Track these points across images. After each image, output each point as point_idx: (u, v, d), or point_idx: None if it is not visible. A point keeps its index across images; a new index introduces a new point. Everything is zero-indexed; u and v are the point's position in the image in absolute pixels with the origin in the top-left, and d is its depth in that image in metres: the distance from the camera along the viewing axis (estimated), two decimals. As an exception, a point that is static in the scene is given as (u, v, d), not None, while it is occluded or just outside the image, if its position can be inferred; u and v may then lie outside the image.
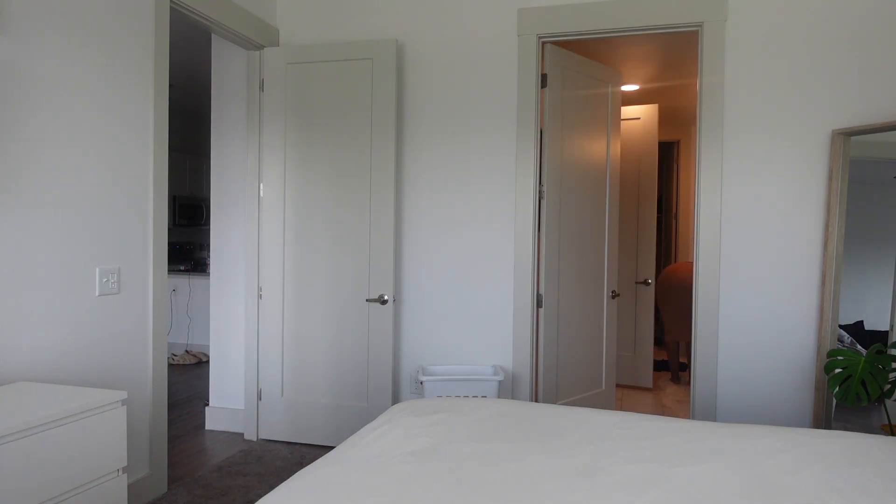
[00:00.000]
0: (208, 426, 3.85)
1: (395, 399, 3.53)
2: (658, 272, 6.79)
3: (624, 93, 5.23)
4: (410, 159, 3.50)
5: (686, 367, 5.55)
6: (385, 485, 1.45)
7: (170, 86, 5.51)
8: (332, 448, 3.48)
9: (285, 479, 2.42)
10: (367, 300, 3.37)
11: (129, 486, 2.68)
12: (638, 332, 5.08)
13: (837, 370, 2.66)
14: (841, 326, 2.93)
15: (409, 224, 3.52)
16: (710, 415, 3.09)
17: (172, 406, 4.34)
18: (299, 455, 3.36)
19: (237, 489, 2.90)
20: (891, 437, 1.81)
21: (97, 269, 2.52)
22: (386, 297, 3.33)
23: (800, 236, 2.98)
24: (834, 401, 2.91)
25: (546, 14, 3.27)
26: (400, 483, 1.46)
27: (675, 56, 4.32)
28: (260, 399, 3.60)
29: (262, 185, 3.57)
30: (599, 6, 3.19)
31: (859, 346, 2.89)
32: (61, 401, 1.87)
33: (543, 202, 3.43)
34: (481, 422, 1.92)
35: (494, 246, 3.39)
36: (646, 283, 5.02)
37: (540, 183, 3.41)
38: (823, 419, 2.90)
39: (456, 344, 3.46)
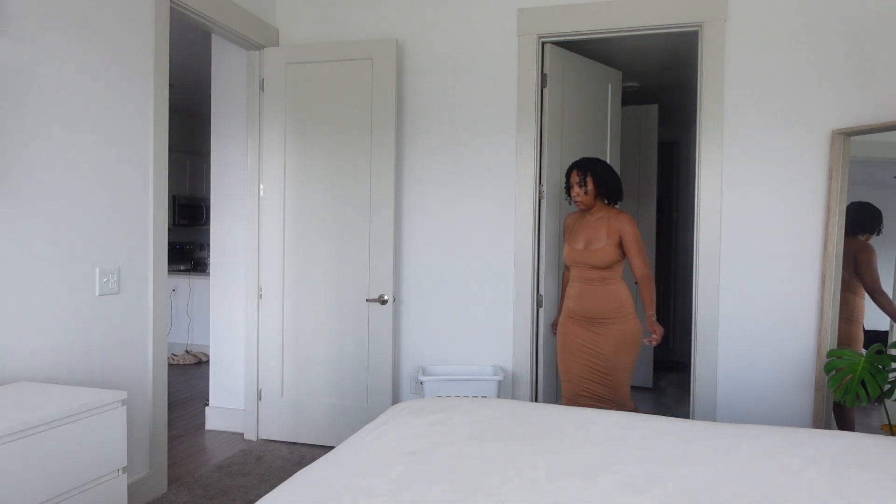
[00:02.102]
0: (208, 426, 3.85)
1: (395, 399, 3.53)
2: (658, 272, 6.78)
3: (624, 93, 5.22)
4: (410, 159, 3.50)
5: (687, 367, 5.55)
6: (385, 485, 1.45)
7: (170, 86, 5.51)
8: (332, 448, 3.48)
9: (285, 479, 2.42)
10: (367, 300, 3.37)
11: (129, 486, 2.68)
12: (638, 332, 5.07)
13: (837, 370, 2.66)
14: (841, 326, 2.92)
15: (408, 224, 3.51)
16: (710, 415, 3.09)
17: (172, 406, 4.34)
18: (299, 455, 3.36)
19: (237, 489, 2.90)
20: (891, 437, 1.81)
21: (97, 269, 2.52)
22: (386, 297, 3.33)
23: (800, 236, 2.98)
24: (834, 401, 2.91)
25: (546, 14, 3.27)
26: (400, 483, 1.46)
27: (675, 56, 4.32)
28: (260, 399, 3.60)
29: (262, 185, 3.57)
30: (599, 6, 3.19)
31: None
32: (61, 401, 1.87)
33: (543, 202, 3.43)
34: (481, 422, 1.92)
35: (494, 245, 3.39)
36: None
37: (540, 183, 3.41)
38: (823, 419, 2.90)
39: (456, 344, 3.46)
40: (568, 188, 3.02)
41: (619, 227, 2.91)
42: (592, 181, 2.94)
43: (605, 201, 3.02)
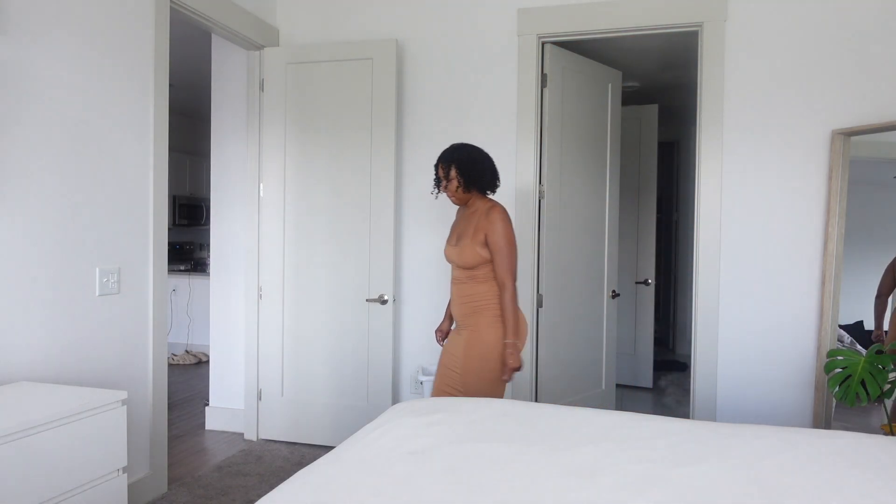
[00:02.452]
0: (208, 426, 3.85)
1: (395, 399, 3.53)
2: (658, 272, 6.78)
3: (624, 93, 5.23)
4: (410, 159, 3.50)
5: (685, 368, 5.56)
6: (385, 485, 1.45)
7: (170, 86, 5.51)
8: (332, 448, 3.48)
9: (285, 479, 2.42)
10: (367, 300, 3.37)
11: (129, 486, 2.68)
12: (638, 332, 5.08)
13: (837, 370, 2.66)
14: (841, 326, 2.93)
15: (408, 223, 3.51)
16: (710, 415, 3.09)
17: (172, 406, 4.34)
18: (299, 455, 3.36)
19: (237, 489, 2.90)
20: (891, 437, 1.81)
21: (97, 269, 2.52)
22: (386, 297, 3.33)
23: (800, 236, 2.98)
24: (834, 401, 2.91)
25: (546, 14, 3.27)
26: (400, 483, 1.46)
27: (675, 56, 4.32)
28: (260, 399, 3.60)
29: (262, 185, 3.57)
30: (599, 6, 3.19)
31: (859, 346, 2.89)
32: (61, 401, 1.87)
33: (543, 202, 3.43)
34: (481, 422, 1.92)
35: (494, 246, 3.38)
36: (646, 283, 5.03)
37: (540, 183, 3.41)
38: (823, 419, 2.90)
39: (456, 344, 3.45)
40: (437, 183, 2.63)
41: (487, 225, 2.50)
42: (457, 172, 2.54)
43: (484, 192, 2.61)
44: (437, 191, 2.68)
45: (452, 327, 2.78)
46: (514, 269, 2.52)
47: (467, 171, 2.54)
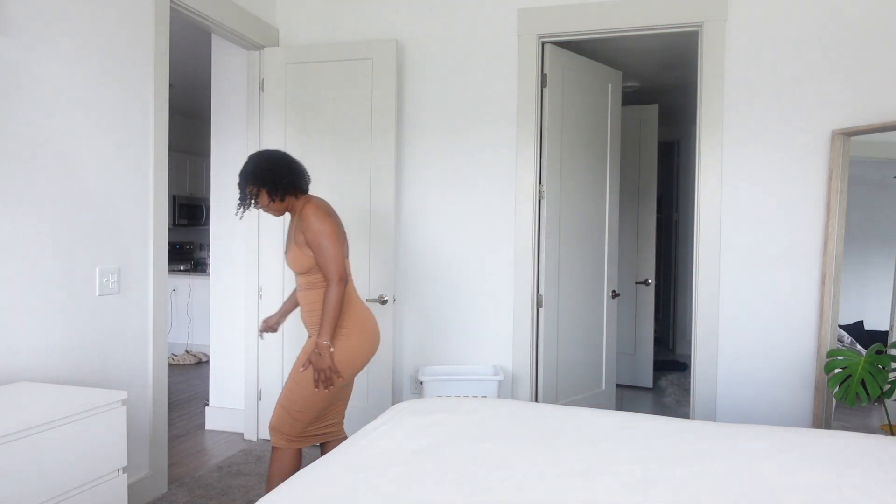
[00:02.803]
0: (208, 426, 3.85)
1: (395, 399, 3.53)
2: (658, 272, 6.78)
3: (624, 93, 5.23)
4: (410, 159, 3.50)
5: (686, 368, 5.56)
6: (385, 485, 1.45)
7: (170, 86, 5.51)
8: (332, 448, 3.48)
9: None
10: (366, 300, 3.36)
11: (129, 486, 2.68)
12: (638, 332, 5.08)
13: (837, 370, 2.66)
14: (841, 326, 2.93)
15: (408, 224, 3.51)
16: (710, 415, 3.09)
17: (172, 406, 4.34)
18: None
19: (237, 489, 2.90)
20: (891, 437, 1.81)
21: (97, 269, 2.52)
22: (386, 297, 3.33)
23: (800, 236, 2.98)
24: (834, 401, 2.91)
25: (546, 14, 3.27)
26: (400, 483, 1.46)
27: (675, 56, 4.32)
28: (260, 399, 3.60)
29: (262, 185, 3.56)
30: (599, 6, 3.19)
31: (859, 346, 2.89)
32: (61, 401, 1.87)
33: (543, 202, 3.43)
34: (481, 422, 1.92)
35: (494, 245, 3.39)
36: (646, 283, 5.02)
37: (540, 183, 3.41)
38: (823, 419, 2.90)
39: (456, 344, 3.46)
40: (241, 202, 2.43)
41: (303, 224, 2.30)
42: (256, 187, 2.34)
43: (296, 194, 2.40)
44: (240, 211, 2.45)
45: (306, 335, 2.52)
46: (338, 265, 2.26)
47: (261, 181, 2.33)
